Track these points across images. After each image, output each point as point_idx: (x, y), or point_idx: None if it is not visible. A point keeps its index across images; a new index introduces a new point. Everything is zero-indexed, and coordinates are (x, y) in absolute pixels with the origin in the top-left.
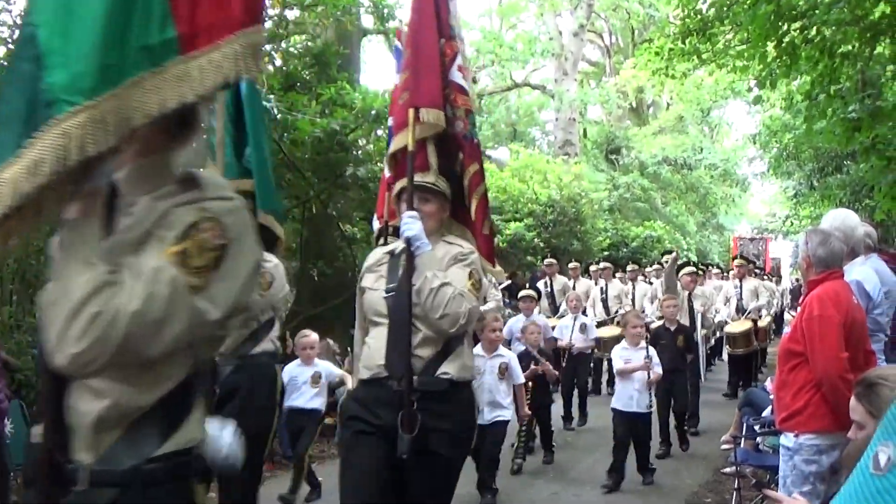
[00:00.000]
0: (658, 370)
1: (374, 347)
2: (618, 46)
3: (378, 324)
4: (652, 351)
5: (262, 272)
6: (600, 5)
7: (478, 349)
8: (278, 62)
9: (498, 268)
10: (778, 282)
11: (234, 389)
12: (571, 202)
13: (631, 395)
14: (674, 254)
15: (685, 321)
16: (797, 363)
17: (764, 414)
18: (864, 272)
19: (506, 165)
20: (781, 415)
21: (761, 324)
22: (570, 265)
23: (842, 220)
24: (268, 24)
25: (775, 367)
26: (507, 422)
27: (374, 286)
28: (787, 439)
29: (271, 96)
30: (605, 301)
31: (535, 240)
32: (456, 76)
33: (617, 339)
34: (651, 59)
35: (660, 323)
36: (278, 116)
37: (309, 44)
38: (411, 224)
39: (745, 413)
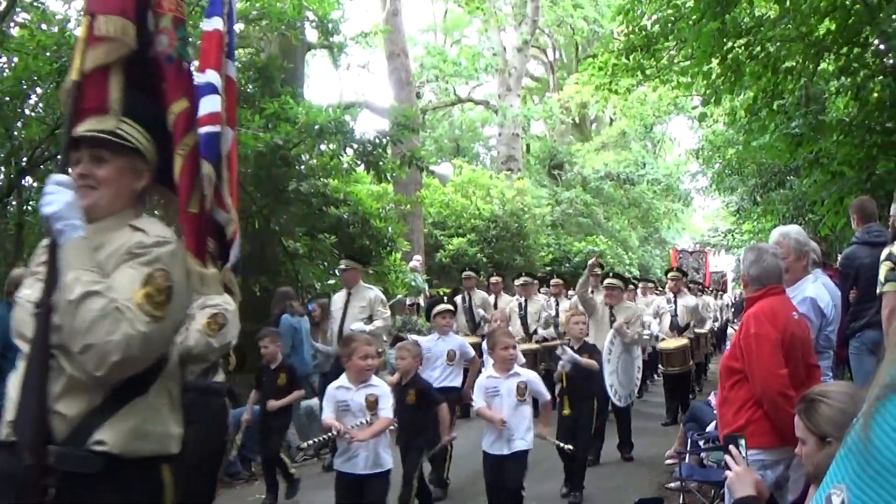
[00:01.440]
0: (544, 397)
1: (11, 395)
2: (561, 62)
3: (24, 356)
4: (531, 375)
5: (216, 314)
6: (544, 21)
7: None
8: None
9: (211, 269)
10: (721, 296)
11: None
12: (514, 217)
13: (498, 434)
14: (593, 259)
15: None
16: (737, 380)
17: (708, 429)
18: (817, 289)
19: (448, 180)
20: (724, 431)
21: (698, 336)
22: (492, 279)
23: (793, 235)
24: None
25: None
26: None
27: (26, 296)
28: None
29: None
30: (523, 318)
31: (478, 255)
32: None
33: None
34: (595, 74)
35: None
36: None
37: (253, 57)
38: (55, 195)
39: (690, 428)
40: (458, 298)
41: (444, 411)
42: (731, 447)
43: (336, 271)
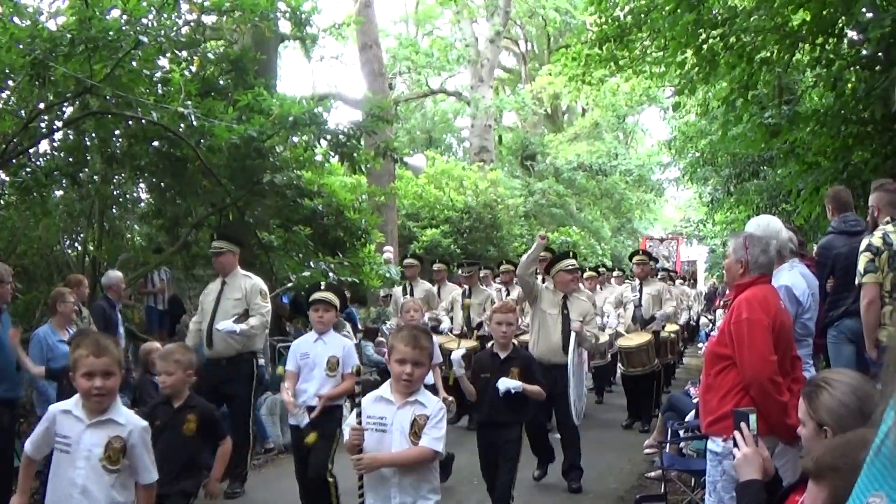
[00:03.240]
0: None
1: None
2: (533, 53)
3: None
4: (436, 408)
5: None
6: (516, 12)
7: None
8: (195, 68)
9: None
10: (693, 285)
11: None
12: (487, 208)
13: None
14: (541, 236)
15: (556, 338)
16: (724, 366)
17: (687, 418)
18: (793, 277)
19: (421, 172)
20: (708, 419)
21: (665, 334)
22: (435, 266)
23: (767, 225)
24: (185, 30)
25: (688, 380)
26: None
27: None
28: (714, 444)
29: (188, 102)
30: (466, 310)
31: (452, 246)
32: None
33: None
34: (567, 65)
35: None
36: (195, 122)
37: (226, 49)
38: None
39: (669, 418)
40: (398, 289)
41: (226, 448)
42: (742, 424)
43: (311, 263)
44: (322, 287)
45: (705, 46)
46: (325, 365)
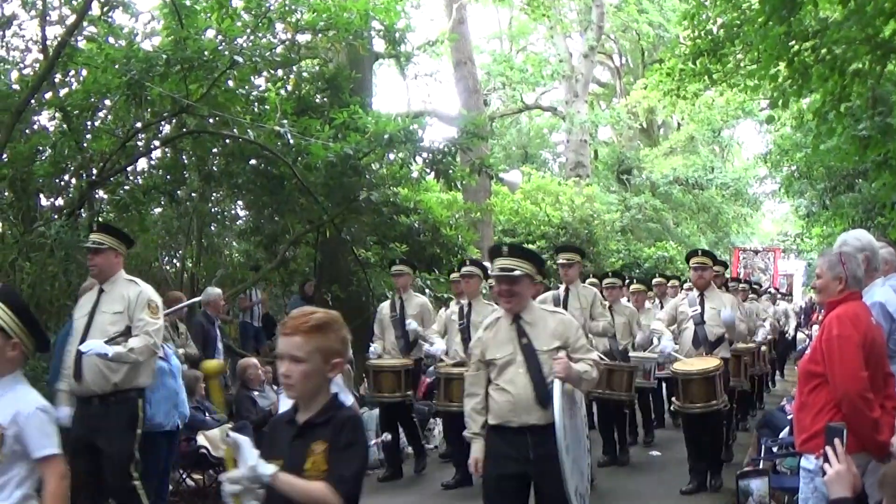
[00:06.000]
0: None
1: None
2: (628, 67)
3: None
4: None
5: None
6: (610, 27)
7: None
8: (290, 87)
9: None
10: (789, 300)
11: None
12: (583, 224)
13: None
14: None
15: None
16: (817, 384)
17: (781, 435)
18: (886, 293)
19: (517, 188)
20: (801, 437)
21: (744, 348)
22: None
23: (857, 240)
24: (280, 49)
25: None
26: None
27: None
28: (807, 461)
29: (284, 121)
30: (464, 330)
31: (549, 262)
32: None
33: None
34: (662, 80)
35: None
36: (291, 141)
37: (321, 68)
38: None
39: (763, 434)
40: (386, 304)
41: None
42: (836, 440)
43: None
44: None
45: (797, 59)
46: None
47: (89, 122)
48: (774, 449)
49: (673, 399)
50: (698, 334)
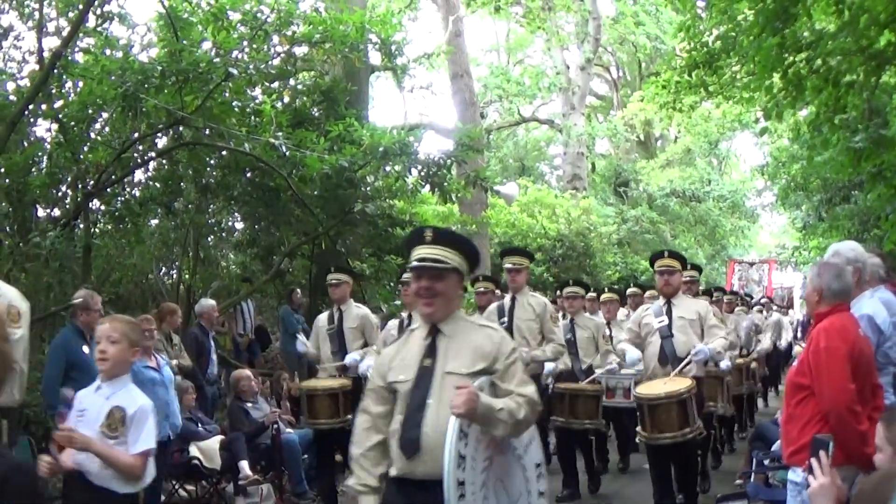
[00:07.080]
0: None
1: None
2: (625, 80)
3: None
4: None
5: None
6: (607, 39)
7: None
8: (286, 99)
9: None
10: (786, 312)
11: None
12: (580, 236)
13: None
14: None
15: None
16: (804, 396)
17: (773, 448)
18: (873, 306)
19: (514, 200)
20: (789, 449)
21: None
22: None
23: (838, 251)
24: (275, 62)
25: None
26: None
27: None
28: (794, 474)
29: (280, 133)
30: None
31: (545, 274)
32: None
33: None
34: (658, 93)
35: None
36: (287, 153)
37: (317, 80)
38: None
39: (755, 447)
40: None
41: None
42: (821, 452)
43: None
44: None
45: (791, 70)
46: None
47: (85, 134)
48: (766, 462)
49: (638, 429)
50: (665, 349)
